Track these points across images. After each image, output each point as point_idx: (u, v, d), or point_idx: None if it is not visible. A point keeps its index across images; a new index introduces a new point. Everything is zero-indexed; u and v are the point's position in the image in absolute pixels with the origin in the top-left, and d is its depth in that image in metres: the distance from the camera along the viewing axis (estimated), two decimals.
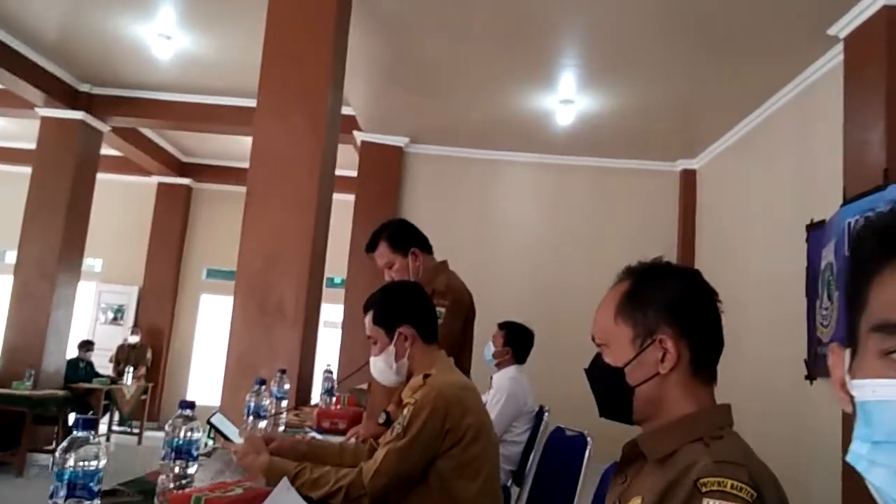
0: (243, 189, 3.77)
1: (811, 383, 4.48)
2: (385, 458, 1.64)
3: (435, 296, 2.32)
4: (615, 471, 1.11)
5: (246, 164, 3.83)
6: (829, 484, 3.87)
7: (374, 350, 1.94)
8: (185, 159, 9.66)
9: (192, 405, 1.38)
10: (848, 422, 3.74)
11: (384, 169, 7.15)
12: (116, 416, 8.10)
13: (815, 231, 4.57)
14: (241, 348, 3.60)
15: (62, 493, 1.00)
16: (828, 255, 4.32)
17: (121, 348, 8.76)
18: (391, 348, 1.89)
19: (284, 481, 1.42)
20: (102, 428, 7.72)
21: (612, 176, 7.35)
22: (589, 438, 2.31)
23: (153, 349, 9.06)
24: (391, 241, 2.58)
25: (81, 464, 1.01)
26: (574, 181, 7.38)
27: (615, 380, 1.06)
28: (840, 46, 4.22)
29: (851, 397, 0.62)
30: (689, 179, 7.25)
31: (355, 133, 7.02)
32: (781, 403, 4.88)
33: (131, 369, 8.08)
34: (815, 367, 4.40)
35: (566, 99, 5.87)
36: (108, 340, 8.94)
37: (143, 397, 8.23)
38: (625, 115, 6.15)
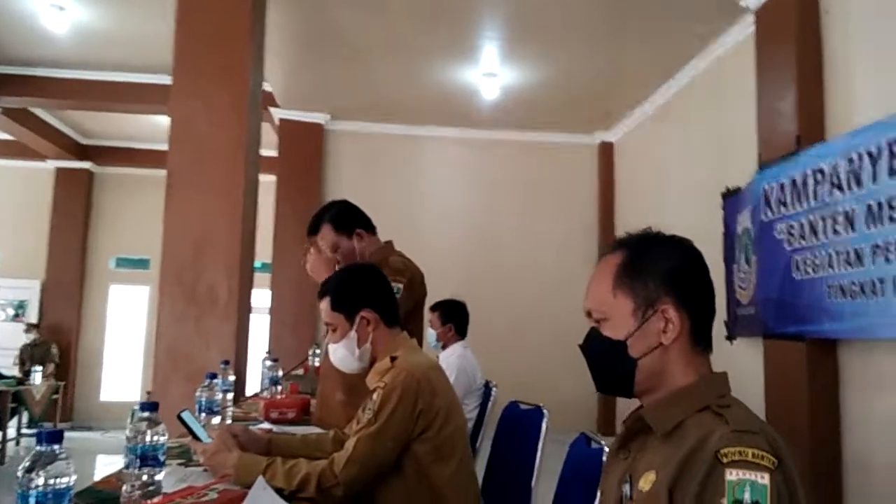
0: (152, 172, 3.58)
1: (731, 343, 4.72)
2: (357, 446, 1.58)
3: (391, 273, 2.25)
4: (617, 445, 1.09)
5: (153, 145, 3.63)
6: None
7: (334, 337, 1.85)
8: (84, 142, 8.99)
9: (154, 407, 1.28)
10: (770, 379, 3.97)
11: (305, 147, 6.93)
12: (25, 418, 7.58)
13: (732, 198, 4.78)
14: (171, 339, 3.44)
15: None
16: (744, 221, 4.52)
17: (24, 347, 8.17)
18: (352, 334, 1.82)
19: (260, 480, 1.34)
20: (11, 432, 7.21)
21: (536, 150, 7.43)
22: (545, 411, 2.32)
23: (60, 345, 8.50)
24: (335, 222, 2.48)
25: (51, 482, 0.90)
26: (500, 155, 7.41)
27: (616, 353, 1.04)
28: (751, 18, 4.38)
29: None
30: (606, 152, 7.43)
31: (272, 110, 6.75)
32: None
33: (39, 368, 7.55)
34: (735, 327, 4.64)
35: (489, 72, 5.86)
36: (11, 339, 8.30)
37: (55, 396, 7.76)
38: (545, 89, 6.20)
